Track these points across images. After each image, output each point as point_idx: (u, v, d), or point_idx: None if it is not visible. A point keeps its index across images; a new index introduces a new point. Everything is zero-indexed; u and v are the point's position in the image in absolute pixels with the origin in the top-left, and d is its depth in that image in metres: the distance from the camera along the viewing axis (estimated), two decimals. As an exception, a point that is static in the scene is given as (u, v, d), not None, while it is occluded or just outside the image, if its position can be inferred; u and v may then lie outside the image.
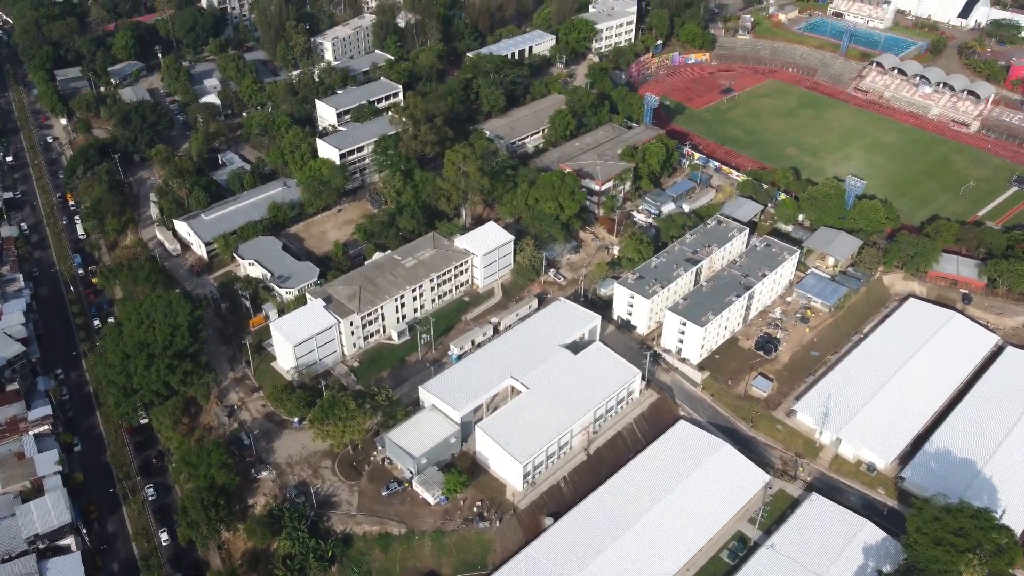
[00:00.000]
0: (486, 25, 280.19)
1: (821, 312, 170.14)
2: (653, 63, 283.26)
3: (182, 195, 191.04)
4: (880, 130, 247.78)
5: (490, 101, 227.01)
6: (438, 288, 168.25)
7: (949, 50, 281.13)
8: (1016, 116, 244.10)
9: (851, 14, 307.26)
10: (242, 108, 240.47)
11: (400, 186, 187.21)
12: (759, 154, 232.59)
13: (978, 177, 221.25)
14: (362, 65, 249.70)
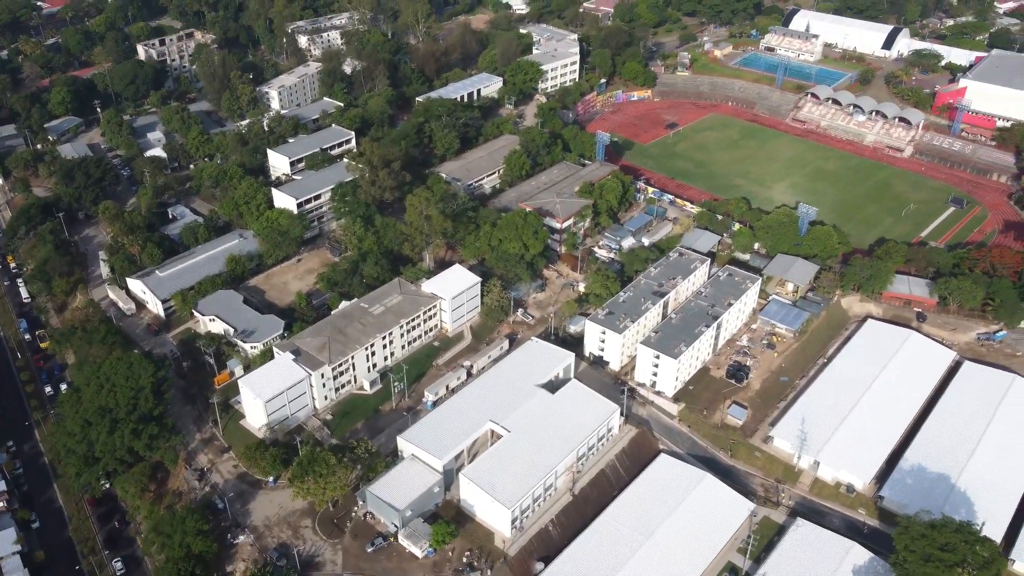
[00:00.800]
0: (432, 69, 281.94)
1: (786, 337, 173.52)
2: (598, 101, 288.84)
3: (134, 252, 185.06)
4: (821, 158, 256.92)
5: (444, 144, 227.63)
6: (408, 334, 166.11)
7: (877, 80, 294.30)
8: (946, 140, 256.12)
9: (782, 48, 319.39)
10: (189, 160, 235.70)
11: (361, 233, 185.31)
12: (709, 185, 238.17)
13: (917, 199, 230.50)
14: (312, 113, 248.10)
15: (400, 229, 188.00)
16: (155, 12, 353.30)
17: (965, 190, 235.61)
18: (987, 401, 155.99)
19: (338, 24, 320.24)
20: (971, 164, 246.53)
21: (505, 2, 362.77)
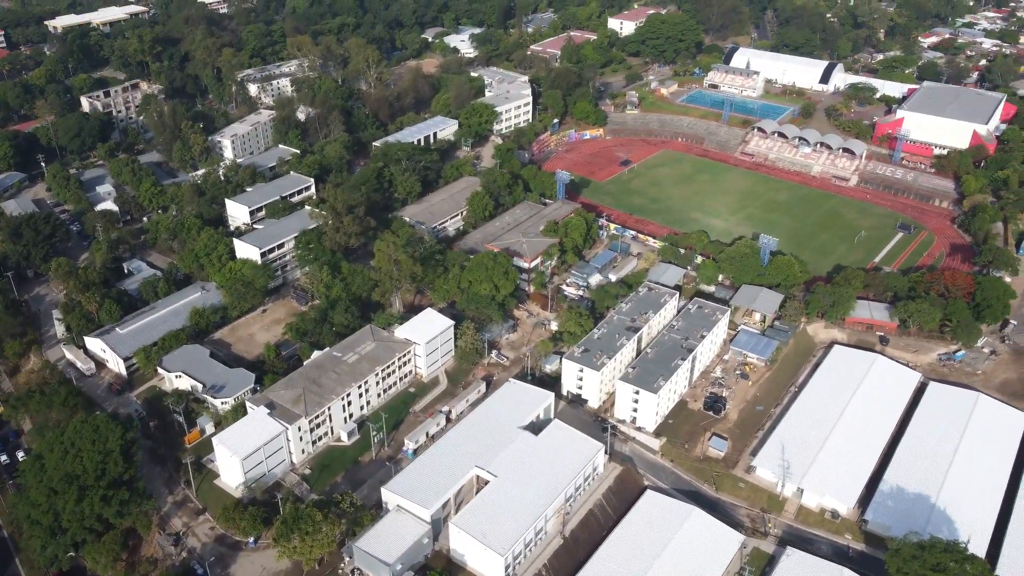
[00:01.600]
0: (386, 114, 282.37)
1: (758, 367, 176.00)
2: (552, 141, 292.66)
3: (91, 309, 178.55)
4: (771, 189, 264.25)
5: (405, 188, 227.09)
6: (383, 382, 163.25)
7: (818, 113, 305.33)
8: (888, 169, 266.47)
9: (725, 85, 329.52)
10: (142, 213, 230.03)
11: (329, 280, 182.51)
12: (667, 220, 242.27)
13: (867, 226, 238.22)
14: (268, 160, 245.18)
15: (368, 275, 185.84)
16: (96, 63, 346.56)
17: (911, 216, 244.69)
18: (955, 420, 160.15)
19: (287, 72, 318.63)
20: (914, 191, 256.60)
21: (453, 47, 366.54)
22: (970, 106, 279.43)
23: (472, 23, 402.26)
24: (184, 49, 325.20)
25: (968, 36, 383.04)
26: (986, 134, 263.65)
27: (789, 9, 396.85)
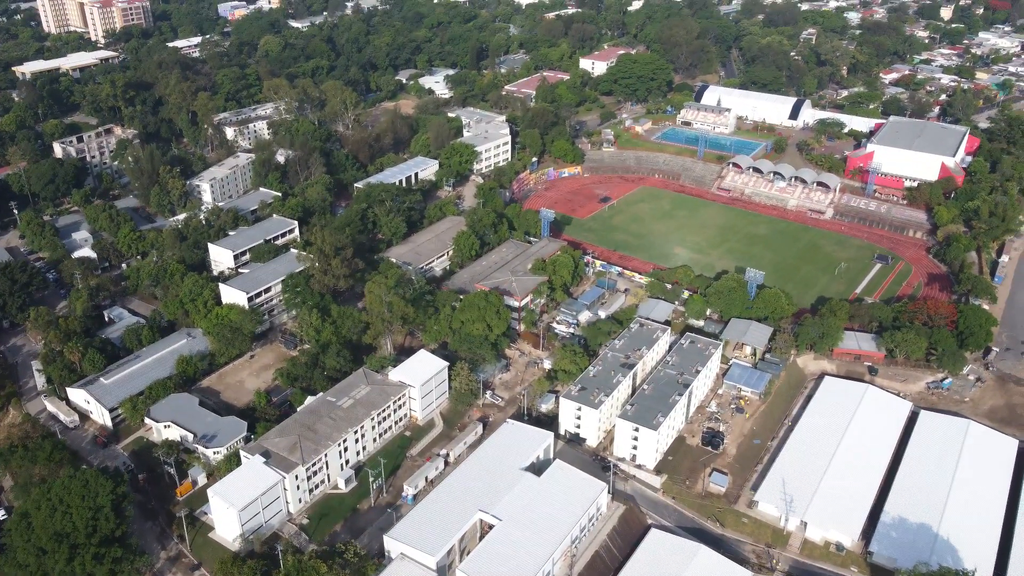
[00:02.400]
0: (366, 155, 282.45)
1: (753, 400, 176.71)
2: (531, 179, 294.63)
3: (74, 360, 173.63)
4: (750, 224, 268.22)
5: (391, 229, 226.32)
6: (379, 426, 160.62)
7: (790, 148, 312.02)
8: (862, 201, 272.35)
9: (698, 122, 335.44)
10: (121, 259, 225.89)
11: (318, 324, 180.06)
12: (650, 255, 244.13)
13: (845, 258, 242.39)
14: (250, 204, 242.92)
15: (358, 317, 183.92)
16: (66, 109, 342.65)
17: (887, 247, 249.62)
18: (949, 448, 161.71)
19: (263, 115, 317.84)
20: (888, 222, 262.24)
21: (428, 88, 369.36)
22: (936, 139, 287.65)
23: (445, 65, 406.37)
24: (157, 94, 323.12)
25: (926, 72, 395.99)
26: (954, 166, 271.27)
27: (755, 48, 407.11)
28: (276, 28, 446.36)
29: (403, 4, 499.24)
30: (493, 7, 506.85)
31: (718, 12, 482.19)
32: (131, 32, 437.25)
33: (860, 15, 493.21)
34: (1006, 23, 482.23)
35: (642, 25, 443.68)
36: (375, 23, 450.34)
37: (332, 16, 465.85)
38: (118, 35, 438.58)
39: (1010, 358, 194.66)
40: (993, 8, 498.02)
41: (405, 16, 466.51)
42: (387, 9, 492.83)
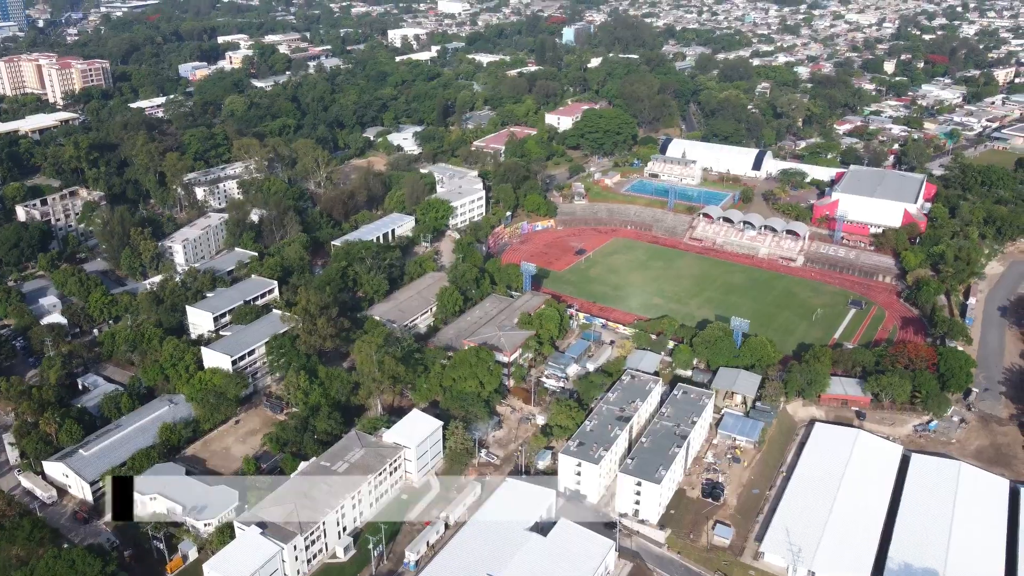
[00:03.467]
0: (341, 213, 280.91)
1: (748, 449, 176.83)
2: (506, 233, 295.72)
3: (50, 431, 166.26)
4: (725, 272, 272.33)
5: (373, 286, 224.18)
6: (376, 490, 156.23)
7: (757, 198, 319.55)
8: (831, 248, 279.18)
9: (665, 174, 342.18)
10: (92, 325, 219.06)
11: (307, 386, 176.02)
12: (630, 306, 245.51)
13: (821, 304, 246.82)
14: (226, 264, 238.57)
15: (347, 378, 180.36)
16: (27, 171, 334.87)
17: (859, 292, 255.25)
18: (944, 491, 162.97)
19: (232, 174, 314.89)
20: (857, 268, 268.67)
21: (397, 144, 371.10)
22: (897, 187, 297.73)
23: (412, 121, 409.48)
24: (123, 155, 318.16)
25: (878, 123, 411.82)
26: (916, 212, 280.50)
27: (713, 102, 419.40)
28: (239, 88, 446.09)
29: (365, 64, 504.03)
30: (455, 65, 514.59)
31: (674, 68, 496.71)
32: (91, 93, 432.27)
33: (809, 70, 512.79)
34: (945, 76, 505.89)
35: (603, 81, 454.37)
36: (339, 82, 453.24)
37: (296, 76, 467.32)
38: (77, 96, 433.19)
39: (989, 398, 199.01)
40: (932, 62, 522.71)
41: (368, 75, 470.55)
42: (350, 68, 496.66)
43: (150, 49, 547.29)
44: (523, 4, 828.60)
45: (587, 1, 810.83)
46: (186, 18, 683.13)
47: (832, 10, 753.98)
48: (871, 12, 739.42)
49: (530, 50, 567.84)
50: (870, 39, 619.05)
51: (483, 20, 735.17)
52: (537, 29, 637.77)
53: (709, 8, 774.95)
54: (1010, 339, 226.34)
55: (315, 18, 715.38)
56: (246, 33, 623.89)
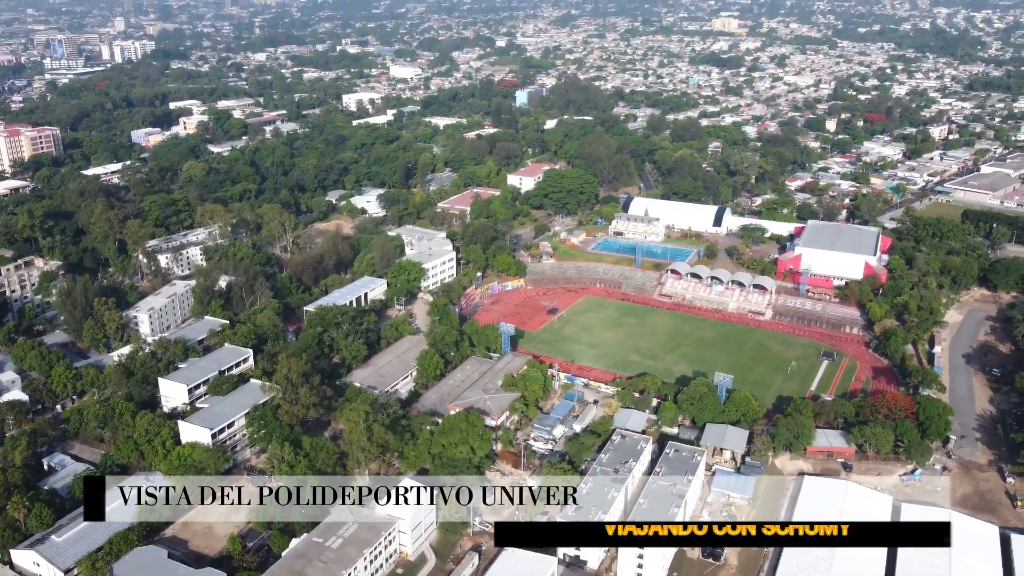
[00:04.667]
0: (310, 277, 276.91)
1: (742, 505, 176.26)
2: (477, 294, 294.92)
3: (18, 517, 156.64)
4: (697, 328, 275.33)
5: (351, 352, 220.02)
6: (371, 566, 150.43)
7: (721, 254, 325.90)
8: (798, 301, 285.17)
9: (629, 232, 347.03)
10: (55, 401, 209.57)
11: (291, 458, 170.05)
12: (608, 364, 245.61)
13: (794, 357, 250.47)
14: (197, 333, 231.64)
15: (332, 448, 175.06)
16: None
17: (828, 343, 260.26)
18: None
19: (195, 240, 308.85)
20: (824, 320, 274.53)
21: (361, 207, 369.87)
22: (855, 240, 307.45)
23: (373, 184, 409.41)
24: (80, 223, 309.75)
25: (826, 179, 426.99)
26: (876, 264, 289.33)
27: (669, 161, 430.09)
28: (196, 153, 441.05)
29: (323, 128, 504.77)
30: (413, 128, 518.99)
31: (628, 129, 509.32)
32: (41, 161, 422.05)
33: (756, 129, 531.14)
34: (884, 133, 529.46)
35: (561, 142, 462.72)
36: (298, 146, 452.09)
37: (253, 140, 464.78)
38: (27, 164, 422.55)
39: (967, 445, 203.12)
40: (871, 121, 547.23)
41: (327, 139, 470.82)
42: (307, 132, 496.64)
43: (100, 115, 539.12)
44: (473, 69, 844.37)
45: (536, 65, 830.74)
46: (135, 84, 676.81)
47: (770, 72, 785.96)
48: (807, 74, 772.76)
49: (485, 112, 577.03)
50: (809, 99, 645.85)
51: (435, 84, 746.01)
52: (491, 92, 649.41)
53: (654, 72, 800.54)
54: (978, 385, 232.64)
55: (267, 83, 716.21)
56: (198, 99, 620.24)
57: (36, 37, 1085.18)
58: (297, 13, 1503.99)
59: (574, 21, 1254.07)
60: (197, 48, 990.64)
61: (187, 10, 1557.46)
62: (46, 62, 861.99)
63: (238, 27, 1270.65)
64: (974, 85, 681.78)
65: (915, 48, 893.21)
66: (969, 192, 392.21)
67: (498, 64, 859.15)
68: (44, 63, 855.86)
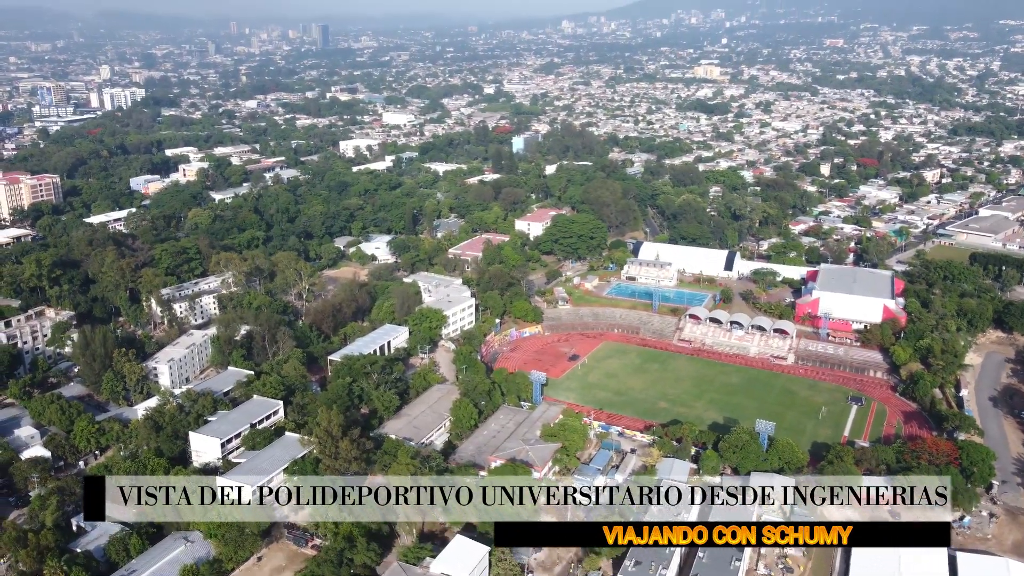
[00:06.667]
0: (330, 326, 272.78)
1: (798, 557, 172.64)
2: (496, 341, 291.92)
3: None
4: (721, 373, 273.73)
5: (383, 403, 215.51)
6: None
7: (736, 298, 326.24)
8: (819, 345, 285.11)
9: (642, 277, 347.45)
10: (77, 457, 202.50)
11: (336, 515, 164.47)
12: (637, 411, 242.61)
13: (822, 402, 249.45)
14: (222, 385, 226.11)
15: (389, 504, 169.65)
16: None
17: (854, 388, 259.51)
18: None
19: (208, 288, 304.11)
20: (847, 364, 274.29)
21: (371, 254, 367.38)
22: (870, 283, 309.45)
23: (380, 231, 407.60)
24: (91, 271, 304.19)
25: (828, 222, 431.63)
26: (895, 307, 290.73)
27: (674, 205, 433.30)
28: (198, 200, 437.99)
29: (324, 174, 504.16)
30: (414, 174, 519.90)
31: (627, 174, 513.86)
32: (41, 209, 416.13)
33: (752, 173, 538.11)
34: (877, 177, 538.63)
35: (564, 188, 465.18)
36: (301, 192, 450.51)
37: (255, 187, 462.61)
38: (27, 212, 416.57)
39: (1009, 490, 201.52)
40: (864, 165, 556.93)
41: (329, 185, 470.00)
42: (309, 179, 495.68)
43: (97, 163, 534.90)
44: (464, 115, 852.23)
45: (526, 112, 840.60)
46: (129, 131, 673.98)
47: (757, 118, 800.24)
48: (793, 119, 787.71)
49: (483, 158, 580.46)
50: (800, 144, 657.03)
51: (429, 130, 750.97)
52: (487, 138, 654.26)
53: (644, 118, 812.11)
54: (1009, 429, 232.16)
55: (261, 130, 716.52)
56: (193, 145, 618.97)
57: (21, 85, 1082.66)
58: (282, 61, 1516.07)
59: (557, 69, 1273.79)
60: (185, 96, 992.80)
61: (171, 58, 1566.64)
62: (35, 109, 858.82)
63: (224, 75, 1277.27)
64: (958, 130, 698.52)
65: (894, 94, 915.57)
66: (971, 235, 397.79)
67: (488, 111, 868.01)
68: (33, 111, 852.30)
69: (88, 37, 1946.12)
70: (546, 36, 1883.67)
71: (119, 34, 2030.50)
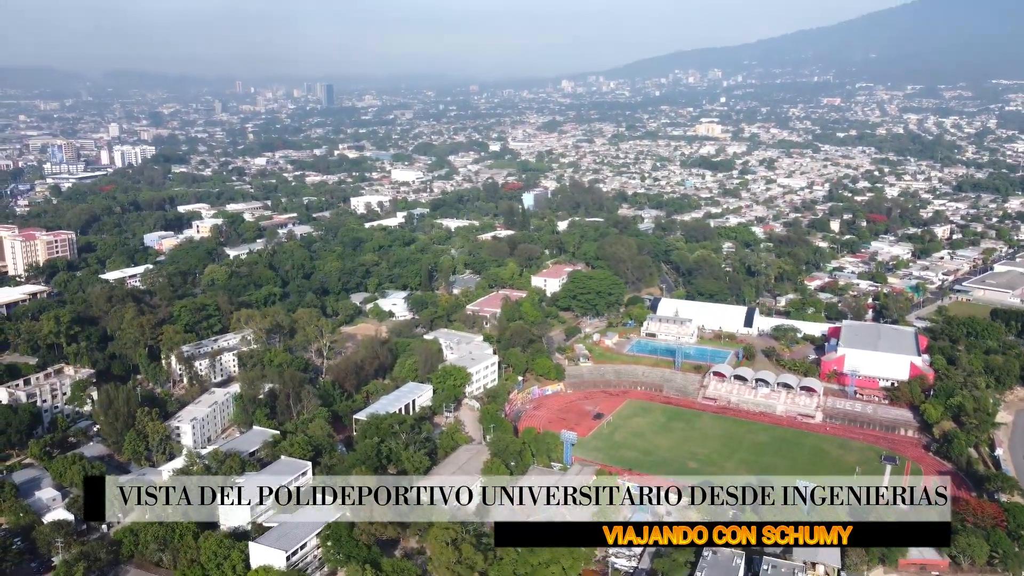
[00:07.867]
0: (352, 384, 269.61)
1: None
2: (518, 399, 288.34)
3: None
4: (749, 432, 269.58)
5: (413, 464, 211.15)
6: None
7: (759, 355, 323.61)
8: (847, 403, 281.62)
9: (662, 333, 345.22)
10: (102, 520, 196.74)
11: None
12: (666, 472, 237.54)
13: (855, 462, 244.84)
14: (248, 445, 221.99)
15: (414, 569, 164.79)
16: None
17: (884, 447, 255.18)
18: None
19: (227, 346, 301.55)
20: (877, 422, 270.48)
21: (388, 310, 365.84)
22: (895, 340, 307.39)
23: (395, 287, 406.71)
24: (109, 328, 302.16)
25: (844, 278, 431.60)
26: (922, 364, 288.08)
27: (688, 261, 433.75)
28: (213, 257, 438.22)
29: (337, 230, 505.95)
30: (427, 231, 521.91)
31: (640, 230, 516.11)
32: (56, 265, 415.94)
33: (762, 229, 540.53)
34: (887, 233, 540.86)
35: (578, 244, 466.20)
36: (316, 248, 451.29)
37: (269, 243, 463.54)
38: (42, 268, 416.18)
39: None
40: (873, 221, 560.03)
41: (343, 241, 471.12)
42: (322, 235, 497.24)
43: (111, 219, 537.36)
44: (471, 172, 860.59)
45: (533, 168, 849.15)
46: (140, 188, 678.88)
47: (762, 175, 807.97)
48: (798, 176, 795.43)
49: (494, 214, 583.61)
50: (807, 201, 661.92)
51: (437, 187, 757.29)
52: (496, 195, 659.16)
53: (650, 175, 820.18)
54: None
55: (272, 187, 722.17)
56: (205, 202, 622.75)
57: (31, 142, 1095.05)
58: (287, 119, 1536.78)
59: (560, 127, 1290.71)
60: (194, 152, 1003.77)
61: (177, 116, 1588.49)
62: (46, 167, 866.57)
63: (231, 132, 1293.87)
64: (962, 187, 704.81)
65: (895, 152, 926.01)
66: (989, 291, 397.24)
67: (495, 167, 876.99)
68: (44, 168, 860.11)
69: (96, 96, 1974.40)
70: (547, 95, 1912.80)
71: (127, 93, 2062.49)
